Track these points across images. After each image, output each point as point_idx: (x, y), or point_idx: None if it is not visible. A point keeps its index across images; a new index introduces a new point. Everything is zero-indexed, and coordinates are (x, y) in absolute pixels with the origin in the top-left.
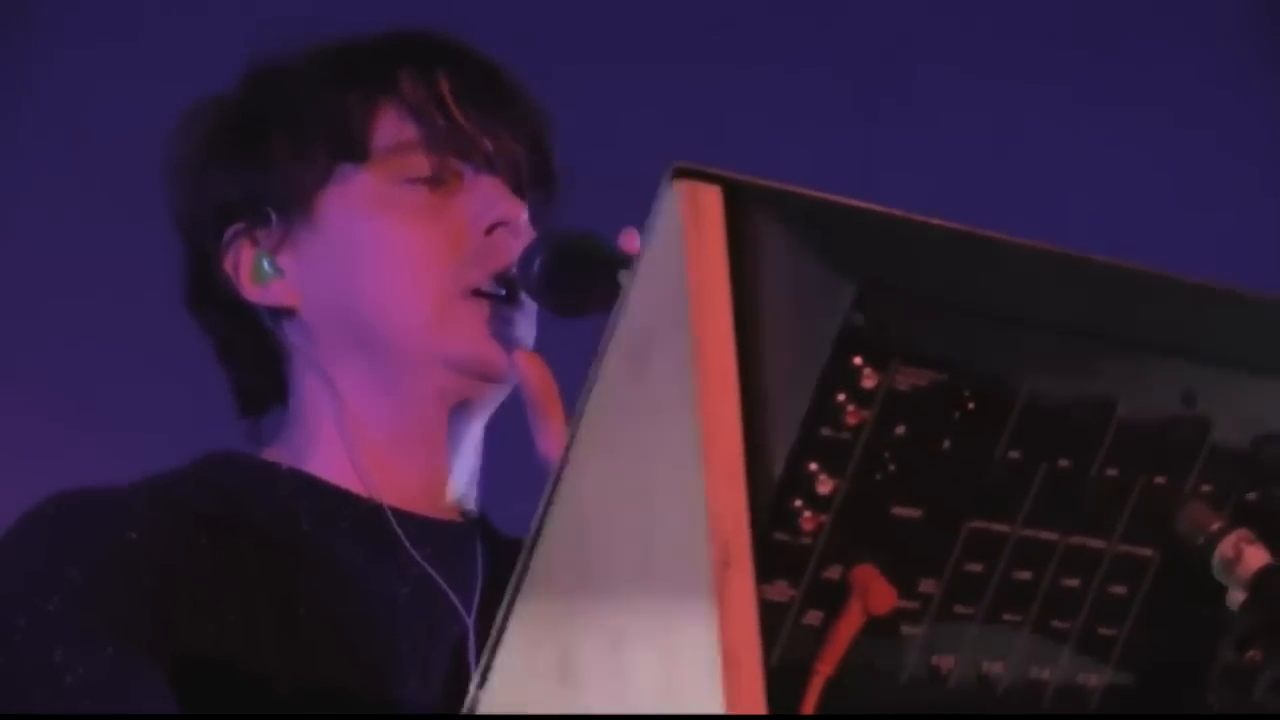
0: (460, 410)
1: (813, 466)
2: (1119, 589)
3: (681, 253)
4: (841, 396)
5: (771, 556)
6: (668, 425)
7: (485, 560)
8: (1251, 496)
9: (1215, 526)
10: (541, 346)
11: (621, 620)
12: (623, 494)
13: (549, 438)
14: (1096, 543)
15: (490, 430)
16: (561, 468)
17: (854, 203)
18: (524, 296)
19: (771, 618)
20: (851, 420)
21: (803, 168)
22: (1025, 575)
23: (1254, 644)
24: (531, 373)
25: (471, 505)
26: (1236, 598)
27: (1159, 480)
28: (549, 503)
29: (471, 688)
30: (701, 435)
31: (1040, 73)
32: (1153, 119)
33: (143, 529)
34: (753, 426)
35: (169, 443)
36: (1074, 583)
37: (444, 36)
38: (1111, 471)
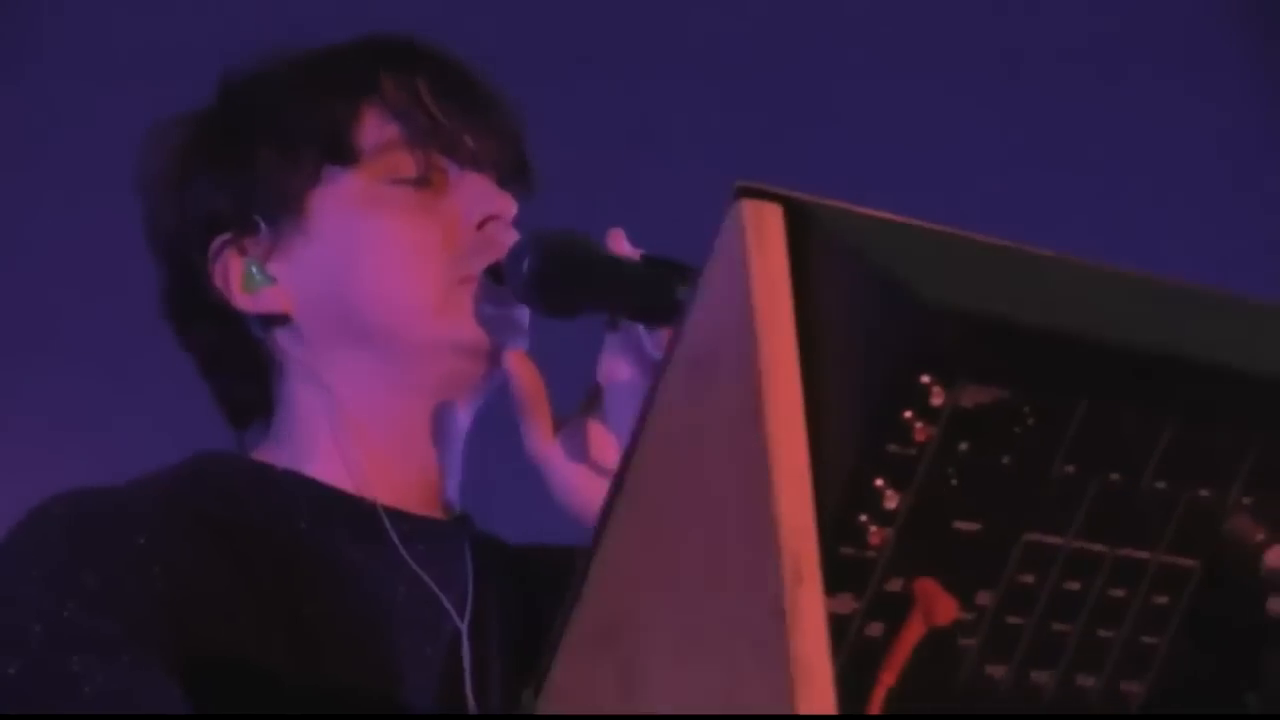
0: (465, 400)
1: (879, 482)
2: (1162, 599)
3: (745, 271)
4: (909, 414)
5: (837, 570)
6: (734, 441)
7: (473, 559)
8: None
9: (1259, 538)
10: (530, 348)
11: (687, 632)
12: (689, 509)
13: (537, 438)
14: (1142, 554)
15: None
16: (621, 480)
17: (916, 222)
18: None
19: (836, 629)
20: (919, 437)
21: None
22: (1075, 586)
23: None
24: (520, 372)
25: (457, 504)
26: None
27: (1204, 493)
28: (608, 514)
29: (526, 695)
30: (769, 452)
31: (1040, 76)
32: (1152, 124)
33: (150, 531)
34: (819, 443)
35: (151, 444)
36: (1120, 593)
37: (417, 40)
38: (1160, 485)
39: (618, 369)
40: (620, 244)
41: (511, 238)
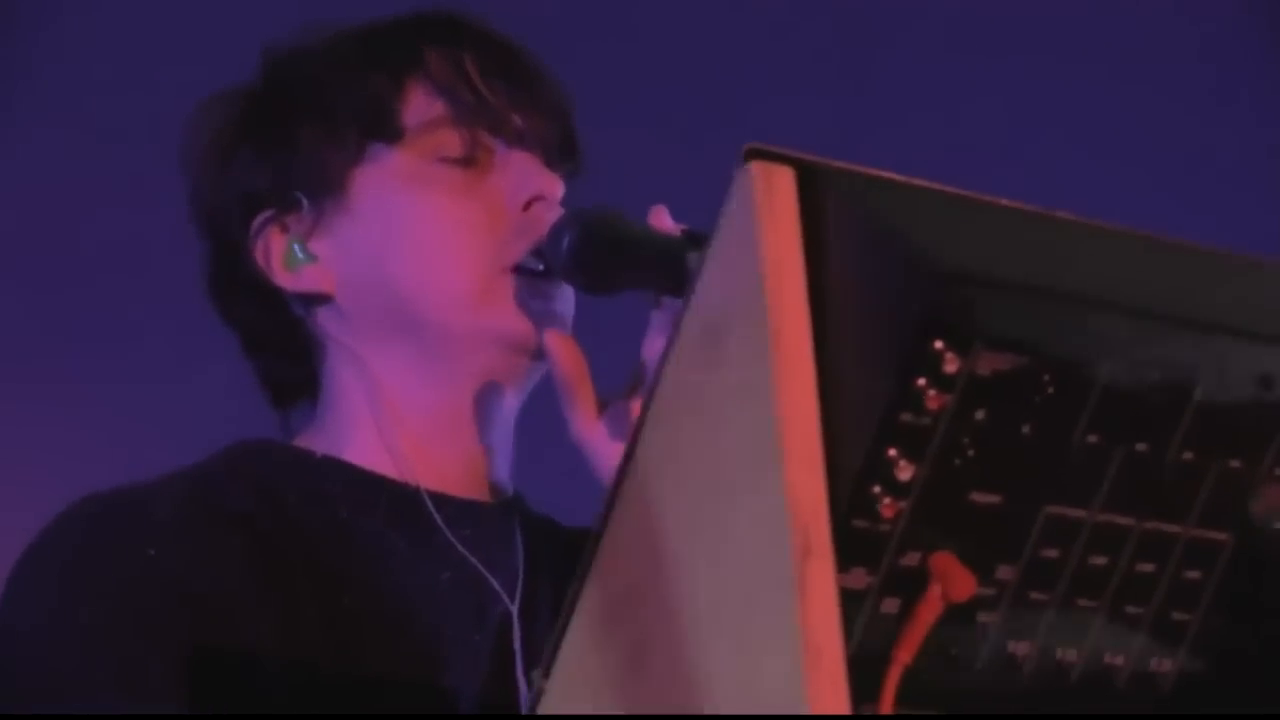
0: (500, 389)
1: (892, 452)
2: (1193, 574)
3: (755, 235)
4: (922, 381)
5: (850, 544)
6: (744, 411)
7: (525, 541)
8: None
9: None
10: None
11: (697, 608)
12: (697, 481)
13: (581, 420)
14: (1172, 527)
15: (523, 411)
16: (630, 454)
17: (930, 185)
18: None
19: (849, 606)
20: (933, 405)
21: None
22: (1101, 561)
23: None
24: (562, 354)
25: (508, 483)
26: None
27: (1234, 464)
28: (617, 489)
29: (535, 676)
30: (779, 421)
31: (1041, 67)
32: (1157, 111)
33: (164, 541)
34: (831, 412)
35: (196, 435)
36: (1149, 568)
37: (465, 16)
38: (1188, 455)
39: (658, 343)
40: (663, 220)
41: (557, 218)
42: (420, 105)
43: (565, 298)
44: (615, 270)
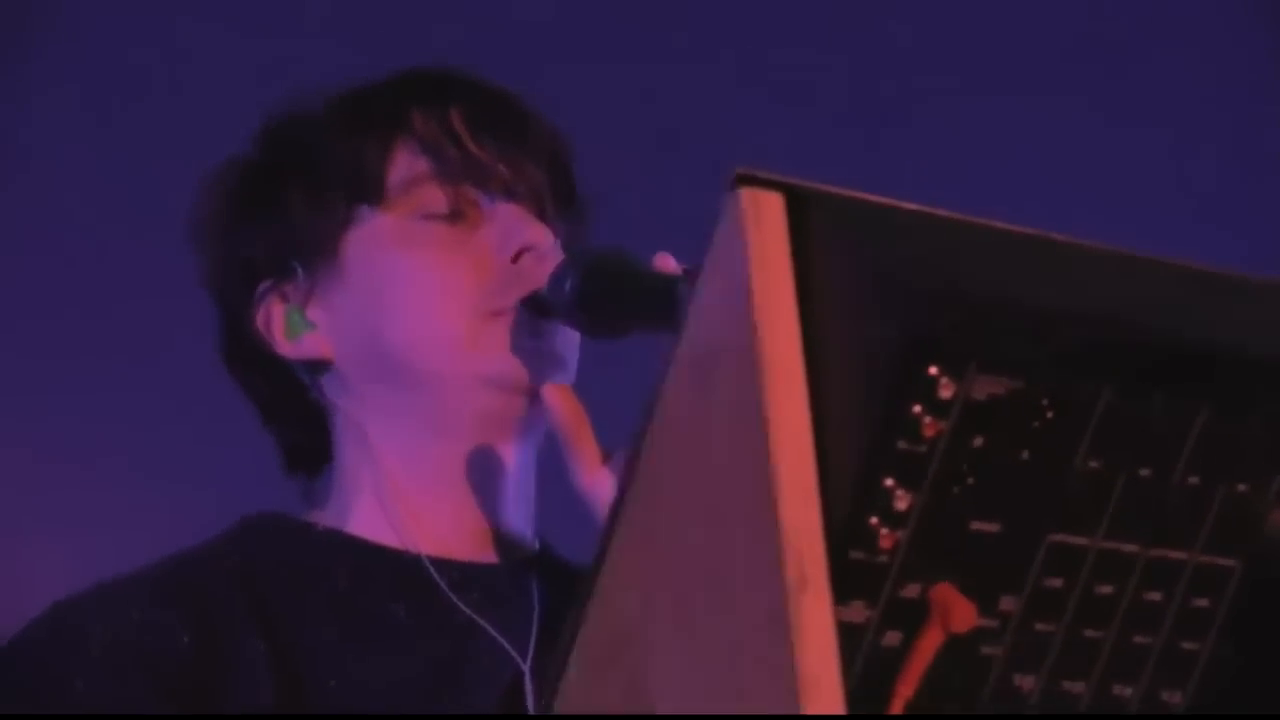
0: (501, 437)
1: (889, 481)
2: (1201, 601)
3: (745, 262)
4: (917, 408)
5: (848, 576)
6: (736, 441)
7: (542, 596)
8: None
9: None
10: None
11: (693, 643)
12: (691, 514)
13: (582, 470)
14: (1178, 554)
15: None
16: (625, 490)
17: (921, 208)
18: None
19: (849, 639)
20: (928, 432)
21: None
22: (1106, 589)
23: None
24: (558, 405)
25: (526, 540)
26: None
27: (1241, 488)
28: (612, 526)
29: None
30: (773, 451)
31: (1043, 79)
32: (1159, 122)
33: (93, 672)
34: (825, 441)
35: (223, 501)
36: (1156, 596)
37: (454, 71)
38: (1193, 480)
39: None
40: (668, 265)
41: (547, 269)
42: (405, 165)
43: (563, 337)
44: (619, 311)
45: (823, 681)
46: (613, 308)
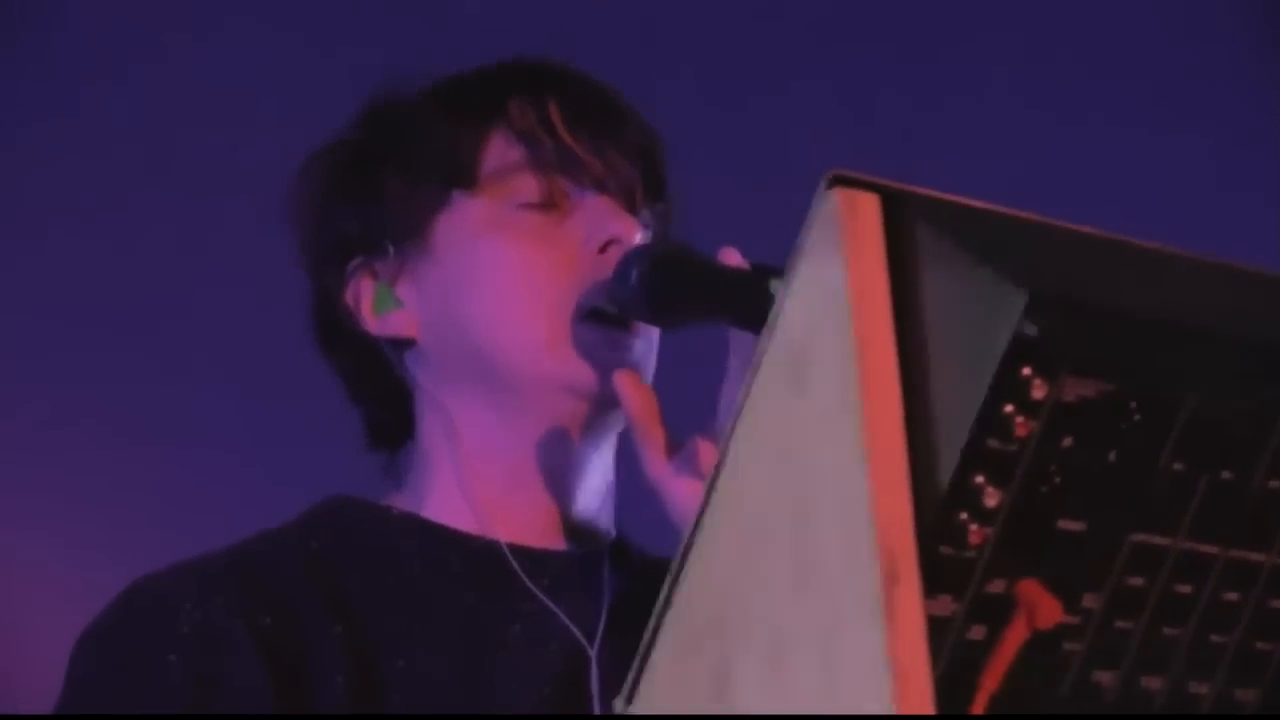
0: (576, 435)
1: (979, 479)
2: (1277, 603)
3: (840, 262)
4: (1009, 408)
5: (936, 571)
6: (829, 438)
7: (613, 586)
8: None
9: None
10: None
11: (781, 634)
12: (782, 508)
13: (653, 460)
14: (1256, 556)
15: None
16: (714, 482)
17: (1015, 212)
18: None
19: (935, 632)
20: (1020, 432)
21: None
22: (1185, 589)
23: None
24: (629, 394)
25: (604, 531)
26: None
27: None
28: (701, 517)
29: (617, 703)
30: (866, 447)
31: (1043, 77)
32: (1155, 122)
33: (186, 647)
34: (917, 438)
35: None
36: (1233, 596)
37: (553, 63)
38: (1274, 484)
39: (737, 386)
40: (733, 260)
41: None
42: (500, 153)
43: (640, 348)
44: (684, 302)
45: (913, 674)
46: (678, 297)
